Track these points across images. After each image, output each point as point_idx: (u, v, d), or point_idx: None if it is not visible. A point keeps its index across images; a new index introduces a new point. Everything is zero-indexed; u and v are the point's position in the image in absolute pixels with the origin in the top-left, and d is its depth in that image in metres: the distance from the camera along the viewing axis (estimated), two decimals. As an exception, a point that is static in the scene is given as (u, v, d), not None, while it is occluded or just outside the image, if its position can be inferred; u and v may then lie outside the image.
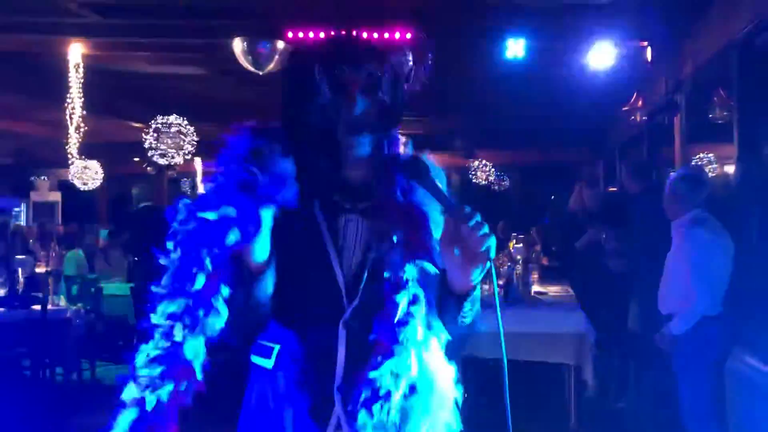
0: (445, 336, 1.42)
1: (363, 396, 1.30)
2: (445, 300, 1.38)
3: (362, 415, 1.29)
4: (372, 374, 1.30)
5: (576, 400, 5.00)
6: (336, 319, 1.35)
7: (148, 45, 6.71)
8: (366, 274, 1.37)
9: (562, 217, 9.07)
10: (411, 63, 1.46)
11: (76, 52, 6.80)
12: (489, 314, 4.74)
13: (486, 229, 1.27)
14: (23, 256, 5.94)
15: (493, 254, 1.29)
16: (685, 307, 3.56)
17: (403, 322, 1.32)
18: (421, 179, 1.35)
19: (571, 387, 5.03)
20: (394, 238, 1.37)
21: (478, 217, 1.28)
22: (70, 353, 5.72)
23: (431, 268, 1.38)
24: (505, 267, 5.79)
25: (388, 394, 1.30)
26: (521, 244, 6.37)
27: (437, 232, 1.37)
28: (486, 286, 6.46)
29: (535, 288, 5.93)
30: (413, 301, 1.34)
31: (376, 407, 1.29)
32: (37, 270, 7.19)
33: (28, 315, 5.34)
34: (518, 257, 5.80)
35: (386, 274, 1.35)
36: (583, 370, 4.89)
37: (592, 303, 5.48)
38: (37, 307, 5.46)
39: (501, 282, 5.73)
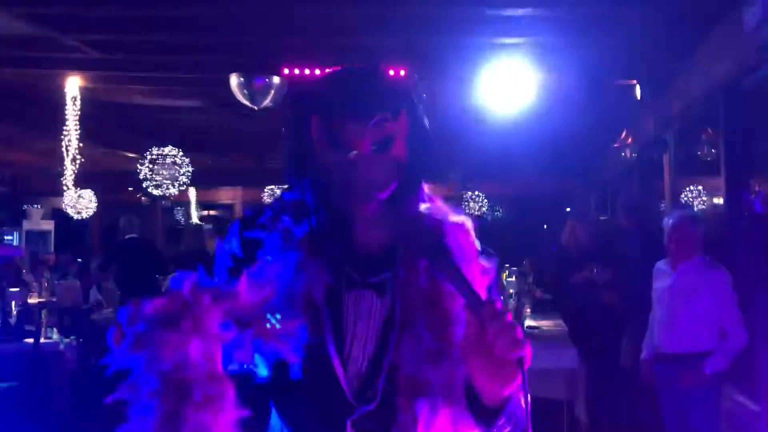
0: None
1: None
2: (474, 415, 1.10)
3: None
4: None
5: (569, 436, 4.99)
6: (342, 422, 1.11)
7: (145, 79, 6.78)
8: (383, 370, 1.12)
9: (556, 250, 9.11)
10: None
11: (73, 85, 6.86)
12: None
13: (518, 333, 1.01)
14: (16, 289, 5.92)
15: (526, 364, 1.01)
16: (722, 344, 3.60)
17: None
18: (437, 262, 1.06)
19: (564, 423, 5.03)
20: (415, 328, 1.12)
21: (508, 328, 1.00)
22: (63, 387, 5.69)
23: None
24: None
25: None
26: (513, 277, 6.39)
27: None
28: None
29: (528, 322, 5.95)
30: (433, 410, 1.09)
31: None
32: (30, 300, 7.17)
33: (21, 348, 5.32)
34: (511, 291, 5.82)
35: (400, 373, 1.10)
36: (575, 405, 4.90)
37: (584, 338, 5.50)
38: (30, 340, 5.45)
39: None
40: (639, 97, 5.91)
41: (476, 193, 13.15)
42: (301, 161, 1.18)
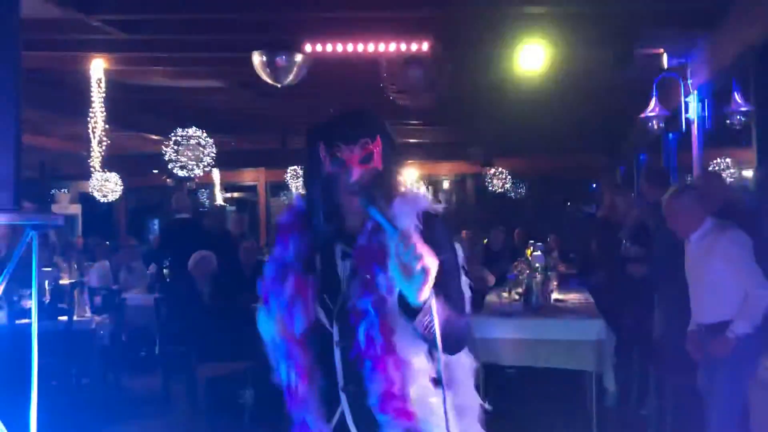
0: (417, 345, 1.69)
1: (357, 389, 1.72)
2: (404, 314, 1.61)
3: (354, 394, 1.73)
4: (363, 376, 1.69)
5: (597, 408, 5.00)
6: (331, 339, 1.75)
7: (168, 60, 6.81)
8: (339, 305, 1.73)
9: (587, 224, 9.05)
10: (430, 73, 1.60)
11: (98, 67, 6.92)
12: (505, 322, 4.79)
13: (418, 250, 1.49)
14: (49, 269, 6.05)
15: (416, 280, 1.49)
16: (747, 307, 3.49)
17: (367, 342, 1.66)
18: (369, 204, 1.60)
19: (592, 394, 5.03)
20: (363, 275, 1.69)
21: (412, 246, 1.49)
22: (96, 363, 5.81)
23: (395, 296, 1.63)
24: (524, 275, 5.81)
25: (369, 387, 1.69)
26: (539, 252, 6.37)
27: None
28: (505, 294, 6.46)
29: (555, 296, 5.94)
30: (371, 326, 1.66)
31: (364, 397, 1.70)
32: (61, 282, 7.31)
33: (55, 326, 5.43)
34: (537, 265, 5.80)
35: (349, 305, 1.70)
36: (603, 377, 4.90)
37: (612, 310, 5.48)
38: (63, 318, 5.56)
39: (521, 290, 5.75)
40: (666, 67, 5.82)
41: (499, 169, 13.06)
42: (312, 172, 1.79)
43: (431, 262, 1.49)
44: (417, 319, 1.56)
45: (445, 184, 15.13)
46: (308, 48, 5.69)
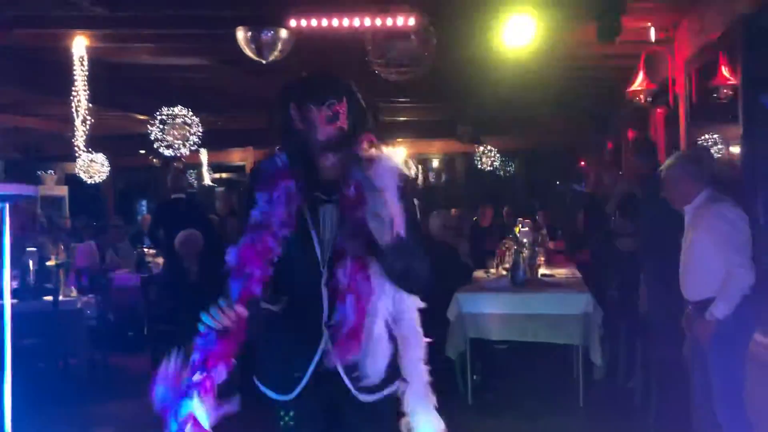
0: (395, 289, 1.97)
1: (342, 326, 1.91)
2: (375, 253, 1.86)
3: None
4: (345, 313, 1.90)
5: (584, 381, 5.03)
6: (319, 281, 1.94)
7: (151, 37, 6.71)
8: (332, 248, 1.93)
9: (576, 200, 9.06)
10: (416, 47, 1.67)
11: (80, 45, 6.81)
12: (493, 297, 4.80)
13: (391, 207, 1.76)
14: (33, 249, 6.00)
15: (386, 226, 1.77)
16: (726, 288, 3.37)
17: (354, 283, 1.88)
18: (354, 163, 1.84)
19: (579, 368, 5.06)
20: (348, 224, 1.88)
21: (386, 200, 1.76)
22: (83, 343, 5.79)
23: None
24: (512, 251, 5.82)
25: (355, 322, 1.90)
26: (527, 228, 6.38)
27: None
28: (493, 270, 6.46)
29: (542, 270, 5.97)
30: (358, 268, 1.89)
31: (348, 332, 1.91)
32: (48, 264, 7.25)
33: (41, 306, 5.40)
34: (524, 240, 5.81)
35: (341, 248, 1.90)
36: (590, 351, 4.93)
37: (599, 284, 5.50)
38: (49, 298, 5.52)
39: (507, 265, 5.76)
40: (654, 40, 5.78)
41: (488, 147, 13.03)
42: (285, 131, 1.96)
43: (398, 214, 1.77)
44: (386, 256, 1.82)
45: (435, 163, 15.09)
46: (293, 23, 5.61)
